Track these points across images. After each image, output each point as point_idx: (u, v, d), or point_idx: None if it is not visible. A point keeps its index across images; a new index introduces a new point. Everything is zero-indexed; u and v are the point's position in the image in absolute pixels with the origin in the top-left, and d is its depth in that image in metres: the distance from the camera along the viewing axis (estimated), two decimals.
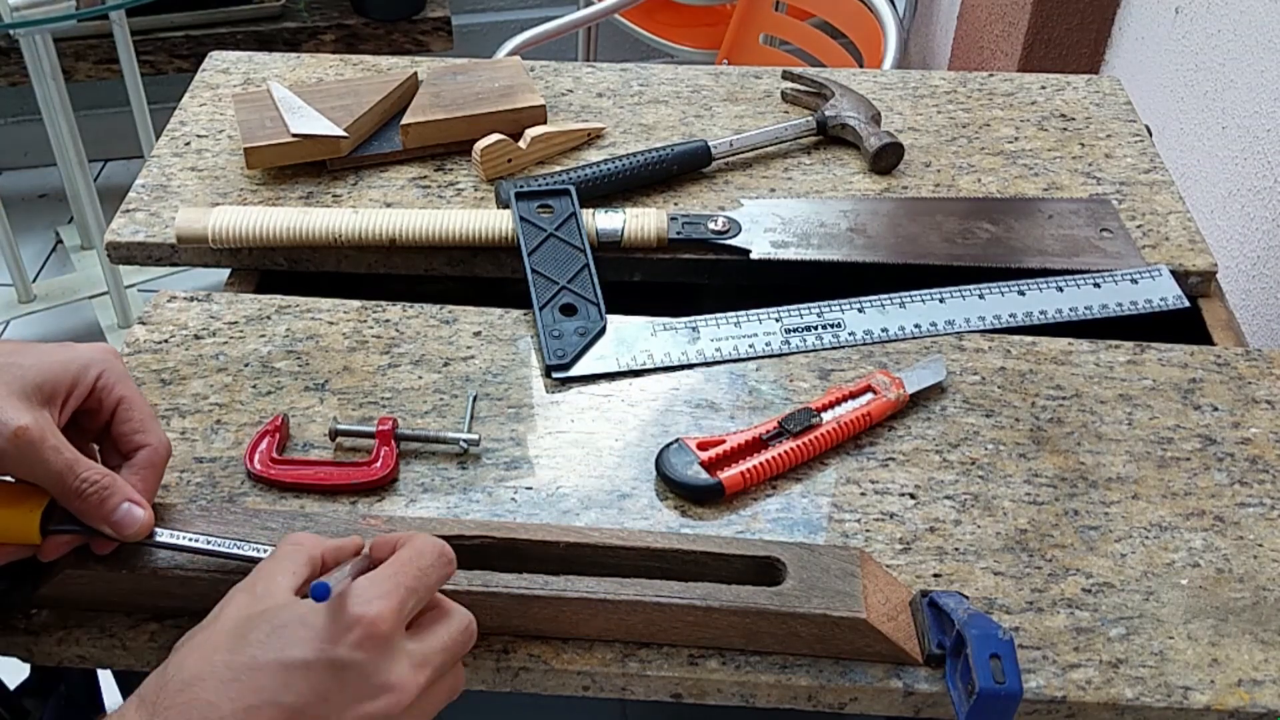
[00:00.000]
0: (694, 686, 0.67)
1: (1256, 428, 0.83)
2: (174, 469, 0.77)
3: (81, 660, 0.68)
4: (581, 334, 0.88)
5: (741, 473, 0.76)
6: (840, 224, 0.99)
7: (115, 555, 0.66)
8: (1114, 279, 0.95)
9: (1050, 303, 0.93)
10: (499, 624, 0.67)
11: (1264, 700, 0.66)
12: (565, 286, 0.91)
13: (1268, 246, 1.40)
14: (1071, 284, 0.94)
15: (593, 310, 0.90)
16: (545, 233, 0.94)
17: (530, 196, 0.96)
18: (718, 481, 0.76)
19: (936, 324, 0.91)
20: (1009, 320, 0.92)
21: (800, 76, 1.18)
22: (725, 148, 1.07)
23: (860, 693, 0.67)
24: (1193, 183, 1.57)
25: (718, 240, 0.97)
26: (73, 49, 2.29)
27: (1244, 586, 0.72)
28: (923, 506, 0.77)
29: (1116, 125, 1.15)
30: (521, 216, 0.95)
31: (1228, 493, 0.78)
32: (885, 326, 0.90)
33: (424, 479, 0.77)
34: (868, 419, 0.81)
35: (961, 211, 1.01)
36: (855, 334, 0.90)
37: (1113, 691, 0.66)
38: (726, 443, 0.78)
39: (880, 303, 0.92)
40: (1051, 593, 0.71)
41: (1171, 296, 0.94)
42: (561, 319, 0.89)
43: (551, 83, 1.20)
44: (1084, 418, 0.83)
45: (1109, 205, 1.03)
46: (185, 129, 1.12)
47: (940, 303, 0.92)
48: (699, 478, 0.76)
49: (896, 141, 1.08)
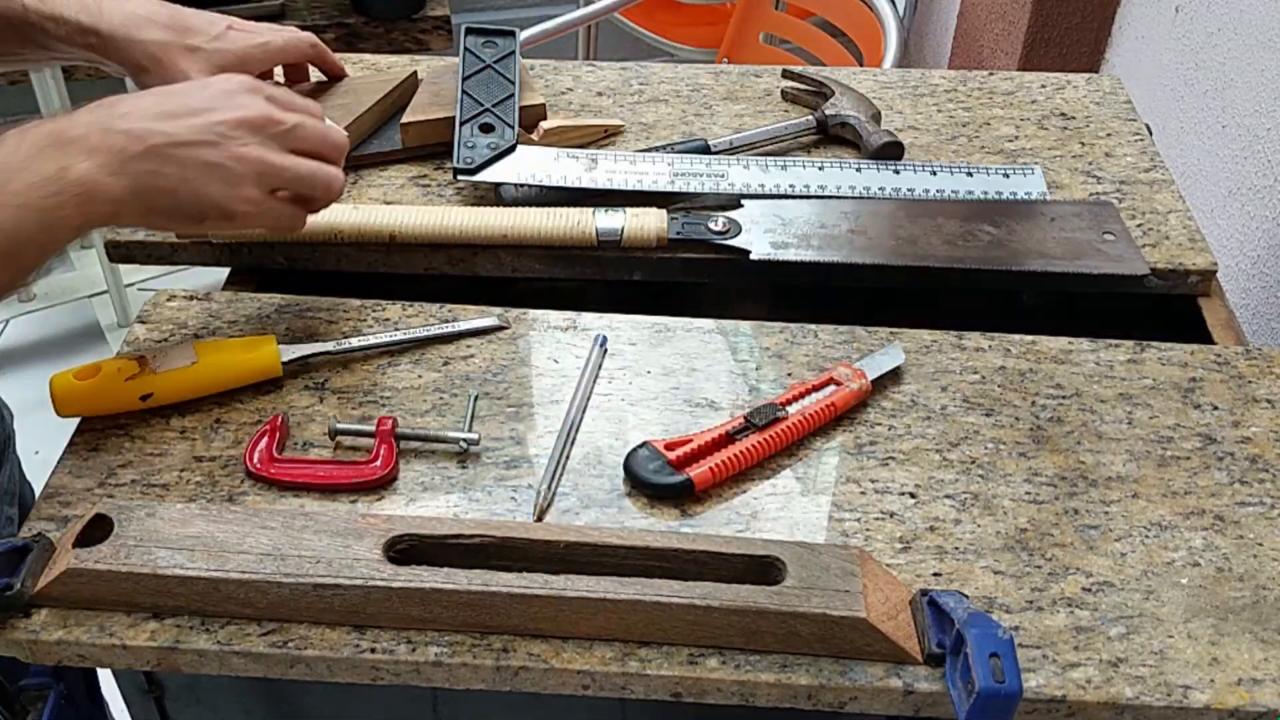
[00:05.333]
0: (694, 686, 0.67)
1: (1257, 427, 0.83)
2: (173, 468, 0.77)
3: (81, 659, 0.69)
4: (492, 148, 1.01)
5: (710, 469, 0.76)
6: (840, 225, 0.99)
7: (115, 554, 0.67)
8: (986, 171, 1.05)
9: (920, 183, 1.03)
10: (498, 623, 0.67)
11: (1264, 699, 0.66)
12: (489, 109, 1.03)
13: (1268, 245, 1.40)
14: (944, 170, 1.05)
15: (508, 132, 1.02)
16: (484, 64, 1.07)
17: (479, 33, 1.10)
18: (687, 478, 0.76)
19: (810, 186, 1.03)
20: (877, 192, 1.03)
21: (800, 75, 1.18)
22: (725, 146, 1.07)
23: (860, 692, 0.67)
24: (1193, 181, 1.57)
25: (718, 240, 0.97)
26: None
27: (1244, 586, 0.72)
28: (923, 506, 0.77)
29: (1117, 124, 1.15)
30: (466, 47, 1.08)
31: (1228, 492, 0.78)
32: (763, 182, 1.02)
33: (424, 478, 0.77)
34: (833, 410, 0.81)
35: (963, 213, 1.01)
36: (735, 184, 1.02)
37: (1112, 690, 0.66)
38: (693, 441, 0.78)
39: (764, 163, 1.04)
40: (1051, 592, 0.71)
41: (1036, 192, 1.04)
42: (479, 134, 1.02)
43: (551, 81, 1.20)
44: (1084, 417, 0.83)
45: (1111, 207, 1.03)
46: None
47: (819, 169, 1.04)
48: (667, 477, 0.76)
49: (896, 140, 1.08)
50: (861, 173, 1.04)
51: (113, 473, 0.77)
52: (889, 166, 1.05)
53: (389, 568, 0.67)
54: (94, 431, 0.80)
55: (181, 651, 0.67)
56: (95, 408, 0.80)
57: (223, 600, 0.67)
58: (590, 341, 0.88)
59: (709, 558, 0.69)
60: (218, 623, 0.68)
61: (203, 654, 0.67)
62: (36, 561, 0.68)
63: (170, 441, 0.79)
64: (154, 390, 0.80)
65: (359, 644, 0.67)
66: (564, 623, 0.67)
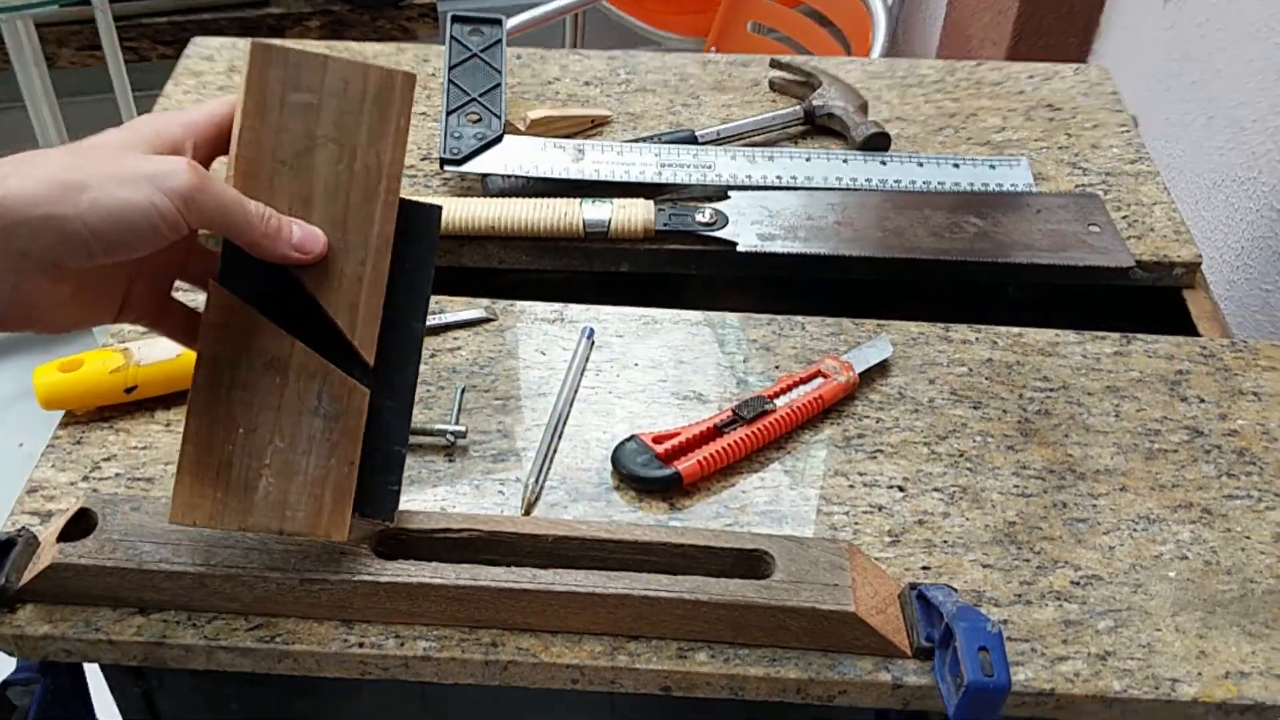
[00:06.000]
0: (683, 679, 0.67)
1: (1243, 419, 0.83)
2: (158, 461, 0.77)
3: (67, 654, 0.68)
4: (479, 139, 1.00)
5: (698, 462, 0.76)
6: (827, 217, 0.99)
7: (100, 549, 0.66)
8: (973, 163, 1.05)
9: (907, 174, 1.04)
10: (487, 617, 0.67)
11: (1251, 692, 0.66)
12: (475, 99, 1.03)
13: (1252, 237, 1.41)
14: (931, 161, 1.05)
15: (495, 122, 1.01)
16: (471, 53, 1.06)
17: (465, 21, 1.08)
18: (675, 472, 0.76)
19: (797, 177, 1.02)
20: (864, 184, 1.02)
21: (788, 65, 1.18)
22: (713, 137, 1.07)
23: (849, 685, 0.67)
24: (1178, 173, 1.57)
25: (705, 232, 0.97)
26: (55, 35, 2.27)
27: (1231, 579, 0.72)
28: (911, 499, 0.77)
29: (1103, 115, 1.15)
30: (452, 36, 1.07)
31: (1215, 485, 0.78)
32: (750, 174, 1.02)
33: (410, 471, 0.77)
34: (820, 402, 0.81)
35: (949, 205, 1.01)
36: (722, 175, 1.01)
37: (1101, 684, 0.66)
38: (681, 434, 0.78)
39: (751, 154, 1.04)
40: (1040, 585, 0.71)
41: (1022, 184, 1.04)
42: (465, 124, 1.01)
43: (538, 70, 1.19)
44: (1071, 409, 0.83)
45: (1097, 200, 1.03)
46: None
47: (806, 160, 1.04)
48: (655, 470, 0.76)
49: (883, 131, 1.07)
50: (849, 164, 1.04)
51: (97, 466, 0.77)
52: (876, 158, 1.05)
53: (377, 562, 0.67)
54: (78, 424, 0.80)
55: (168, 646, 0.67)
56: (79, 400, 0.79)
57: (209, 595, 0.67)
58: (577, 333, 0.88)
59: (698, 551, 0.69)
60: (204, 617, 0.67)
61: (190, 649, 0.67)
62: (21, 556, 0.68)
63: (155, 435, 0.79)
64: (138, 383, 0.79)
65: (347, 639, 0.67)
66: (553, 617, 0.67)
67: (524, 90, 1.16)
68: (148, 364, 0.79)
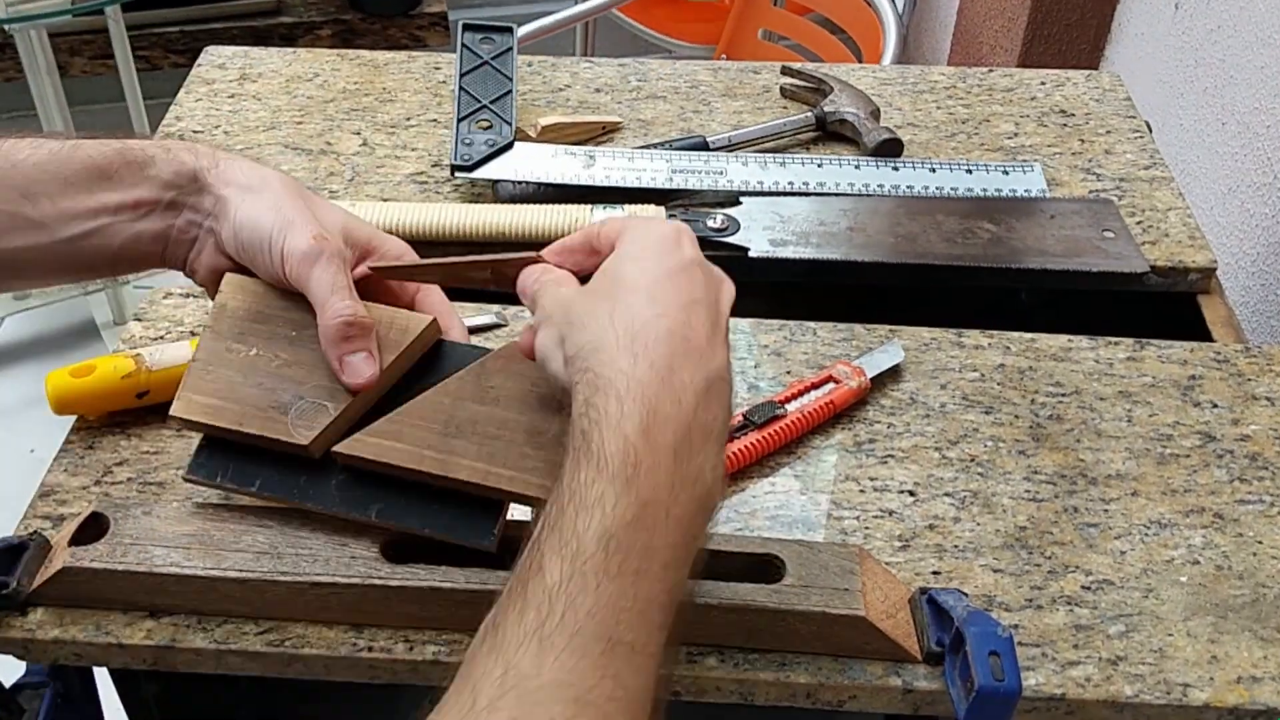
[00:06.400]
0: (692, 684, 0.67)
1: (1256, 424, 0.83)
2: (169, 466, 0.77)
3: (78, 658, 0.68)
4: (489, 145, 1.01)
5: None
6: (839, 223, 0.99)
7: (111, 553, 0.66)
8: (985, 169, 1.05)
9: (919, 180, 1.03)
10: None
11: (1263, 697, 0.66)
12: (486, 105, 1.04)
13: (1267, 243, 1.40)
14: (943, 167, 1.05)
15: (506, 129, 1.02)
16: (482, 60, 1.08)
17: (476, 29, 1.10)
18: None
19: (809, 183, 1.03)
20: (876, 190, 1.02)
21: (799, 72, 1.18)
22: (724, 143, 1.07)
23: (859, 690, 0.66)
24: (1192, 179, 1.57)
25: (717, 238, 0.97)
26: (68, 44, 2.29)
27: (1243, 584, 0.72)
28: (922, 504, 0.76)
29: (1116, 121, 1.15)
30: (464, 44, 1.08)
31: (1227, 490, 0.78)
32: (762, 179, 1.02)
33: None
34: (831, 407, 0.81)
35: (962, 211, 1.01)
36: (733, 181, 1.02)
37: (1112, 689, 0.66)
38: None
39: (762, 160, 1.05)
40: (1051, 590, 0.71)
41: (1036, 190, 1.03)
42: (476, 131, 1.02)
43: (549, 78, 1.19)
44: (1083, 414, 0.83)
45: (1111, 205, 1.02)
46: (180, 124, 1.11)
47: (818, 166, 1.04)
48: None
49: (895, 137, 1.07)
50: (860, 170, 1.04)
51: (109, 471, 0.77)
52: (888, 163, 1.05)
53: (386, 566, 0.67)
54: (90, 429, 0.80)
55: (178, 650, 0.67)
56: (91, 406, 0.80)
57: (219, 599, 0.67)
58: None
59: (708, 555, 0.69)
60: (214, 621, 0.68)
61: (200, 653, 0.67)
62: (32, 560, 0.68)
63: (166, 439, 0.79)
64: (150, 388, 0.80)
65: (356, 643, 0.67)
66: None
67: (535, 97, 1.16)
68: (159, 369, 0.80)
